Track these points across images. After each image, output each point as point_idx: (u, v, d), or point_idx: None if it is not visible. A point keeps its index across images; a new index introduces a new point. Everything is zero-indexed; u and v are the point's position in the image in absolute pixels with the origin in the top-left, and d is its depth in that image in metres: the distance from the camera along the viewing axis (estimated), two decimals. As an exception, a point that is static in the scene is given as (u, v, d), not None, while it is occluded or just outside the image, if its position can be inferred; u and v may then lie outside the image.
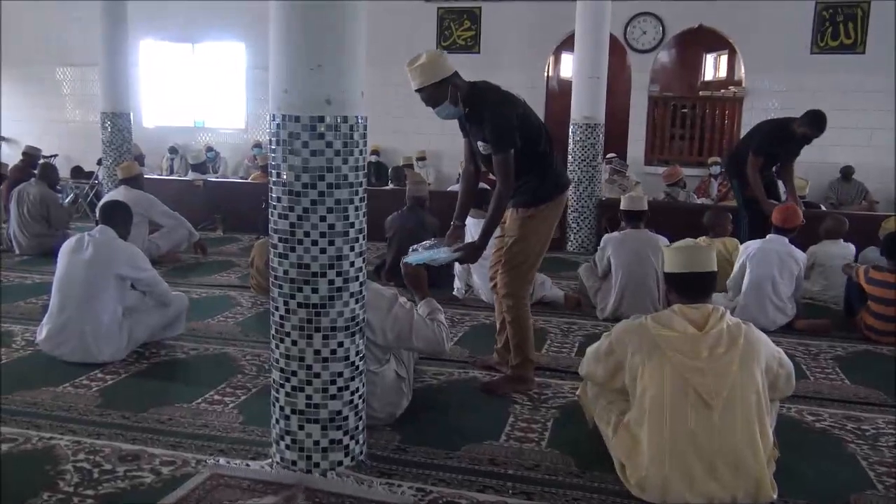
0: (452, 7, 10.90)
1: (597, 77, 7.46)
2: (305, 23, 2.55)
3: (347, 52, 2.60)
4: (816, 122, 5.73)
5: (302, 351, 2.71)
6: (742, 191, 6.15)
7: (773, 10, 9.82)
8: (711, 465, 2.54)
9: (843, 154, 9.63)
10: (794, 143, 5.92)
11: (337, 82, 2.59)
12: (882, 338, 4.58)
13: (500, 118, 3.34)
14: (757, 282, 4.87)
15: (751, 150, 5.95)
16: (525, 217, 3.56)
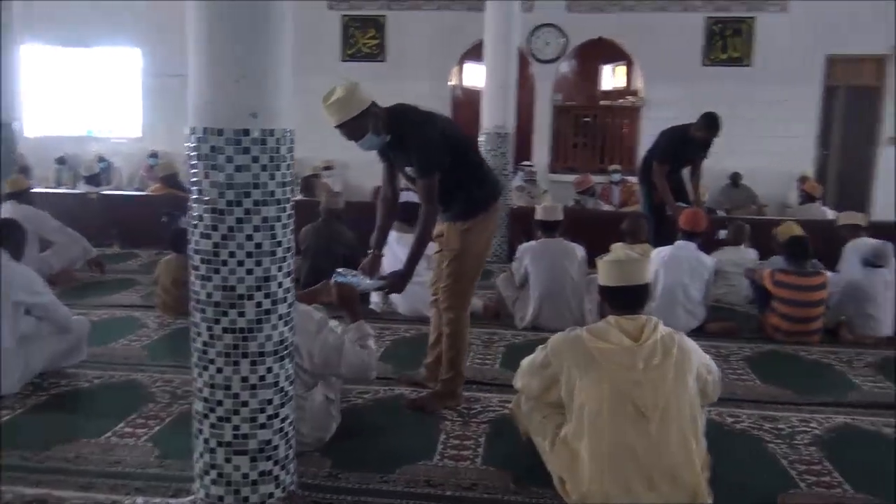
0: (357, 15, 10.78)
1: (506, 87, 7.51)
2: (229, 33, 2.40)
3: (273, 63, 2.47)
4: (710, 124, 5.98)
5: (228, 379, 2.54)
6: (650, 197, 6.32)
7: (668, 24, 10.23)
8: (650, 477, 2.54)
9: (733, 161, 10.08)
10: (694, 147, 6.13)
11: (263, 94, 2.45)
12: (788, 338, 4.79)
13: (425, 141, 3.27)
14: (669, 287, 4.99)
15: (654, 158, 6.13)
16: (463, 230, 3.51)
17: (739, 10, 10.18)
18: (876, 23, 9.82)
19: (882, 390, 4.04)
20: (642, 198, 6.62)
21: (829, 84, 10.31)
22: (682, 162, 6.26)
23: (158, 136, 11.19)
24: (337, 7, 10.79)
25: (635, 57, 10.71)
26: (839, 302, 4.97)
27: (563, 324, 4.76)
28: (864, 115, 10.35)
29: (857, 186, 10.45)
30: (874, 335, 4.86)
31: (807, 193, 8.32)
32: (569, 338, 2.77)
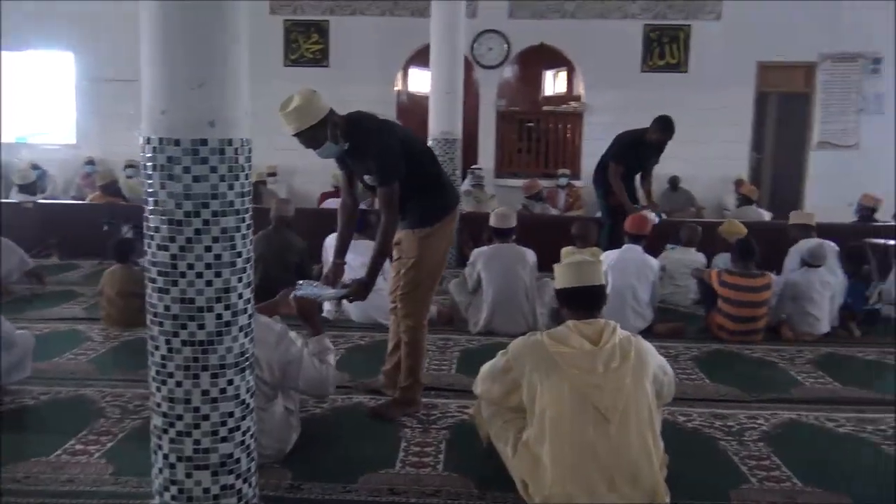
0: (299, 20, 10.68)
1: (453, 93, 7.55)
2: (186, 39, 2.35)
3: (231, 71, 2.43)
4: (664, 127, 6.13)
5: (188, 392, 2.49)
6: (605, 199, 6.44)
7: (607, 31, 10.43)
8: (611, 478, 2.59)
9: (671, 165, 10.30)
10: (649, 150, 6.27)
11: (221, 103, 2.41)
12: (733, 337, 4.94)
13: (384, 149, 3.27)
14: (618, 289, 5.09)
15: (610, 158, 6.25)
16: (421, 237, 3.52)
17: (676, 17, 10.47)
18: (804, 32, 10.23)
19: (823, 385, 4.21)
20: (599, 201, 6.73)
21: (762, 90, 10.68)
22: (636, 165, 6.40)
23: (94, 143, 10.88)
24: (279, 12, 10.67)
25: (576, 63, 10.90)
26: (780, 301, 5.15)
27: (516, 328, 4.85)
28: (795, 120, 10.75)
29: (789, 189, 10.84)
30: (813, 333, 5.05)
31: (744, 196, 8.60)
32: (529, 342, 2.80)
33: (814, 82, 10.58)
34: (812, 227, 5.66)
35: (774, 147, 10.93)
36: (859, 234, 6.49)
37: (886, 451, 3.34)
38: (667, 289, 5.99)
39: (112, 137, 10.82)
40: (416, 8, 10.41)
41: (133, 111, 10.75)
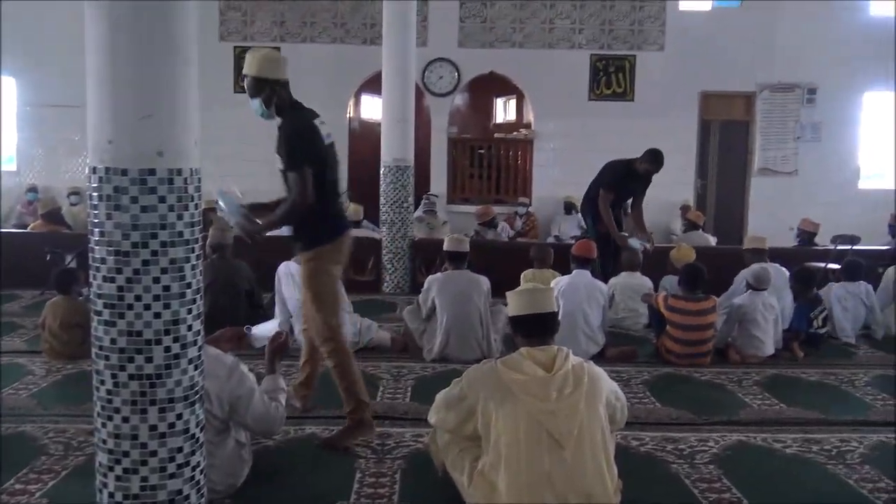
0: (249, 46, 10.58)
1: (404, 120, 7.58)
2: (134, 67, 2.32)
3: (180, 100, 2.41)
4: (654, 159, 6.27)
5: (135, 428, 2.42)
6: (595, 226, 6.53)
7: (555, 60, 10.64)
8: (566, 505, 2.59)
9: (621, 191, 10.55)
10: (638, 180, 6.40)
11: (169, 132, 2.38)
12: (681, 360, 5.02)
13: (297, 132, 3.37)
14: (570, 314, 5.13)
15: (601, 186, 6.35)
16: (307, 261, 3.58)
17: (621, 48, 10.73)
18: (743, 63, 10.60)
19: (769, 407, 4.30)
20: (587, 228, 6.82)
21: (704, 118, 11.00)
22: (625, 194, 6.52)
23: (36, 170, 10.60)
24: (229, 38, 10.61)
25: (526, 91, 11.06)
26: (727, 324, 5.26)
27: (471, 355, 4.85)
28: (737, 147, 11.08)
29: (733, 214, 11.14)
30: (759, 355, 5.17)
31: (690, 221, 8.80)
32: (483, 370, 2.80)
33: (753, 111, 10.94)
34: (764, 252, 5.82)
35: (718, 173, 11.23)
36: (800, 258, 6.70)
37: (831, 472, 3.42)
38: (619, 314, 6.07)
39: (55, 164, 10.58)
40: (367, 36, 10.49)
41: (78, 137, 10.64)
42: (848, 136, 10.95)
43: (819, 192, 10.60)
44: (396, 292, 7.55)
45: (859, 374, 4.99)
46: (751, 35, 10.51)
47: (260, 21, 10.58)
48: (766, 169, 11.01)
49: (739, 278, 5.69)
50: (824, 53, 10.53)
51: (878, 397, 4.49)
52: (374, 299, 7.16)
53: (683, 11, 10.72)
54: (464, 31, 10.70)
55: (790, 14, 10.51)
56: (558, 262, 5.94)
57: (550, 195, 10.74)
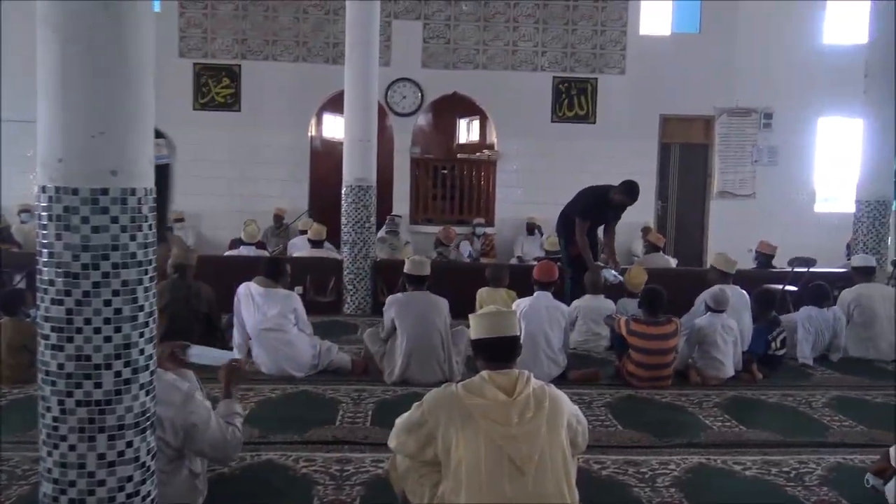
0: (209, 64, 10.55)
1: (367, 140, 7.57)
2: (86, 83, 2.28)
3: (135, 118, 2.37)
4: (629, 191, 6.39)
5: (82, 456, 2.34)
6: (567, 249, 6.61)
7: (518, 81, 10.79)
8: (527, 531, 2.57)
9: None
10: (612, 209, 6.52)
11: (123, 151, 2.34)
12: (642, 383, 5.05)
13: None
14: (531, 336, 5.13)
15: (577, 215, 6.46)
16: None
17: (583, 71, 10.91)
18: (701, 87, 10.85)
19: (729, 429, 4.33)
20: (561, 250, 6.90)
21: (664, 141, 11.21)
22: (598, 221, 6.63)
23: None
24: (188, 55, 10.53)
25: (489, 112, 11.17)
26: (687, 345, 5.32)
27: (432, 377, 4.83)
28: (696, 170, 11.31)
29: (692, 236, 11.34)
30: (719, 377, 5.23)
31: (651, 243, 8.90)
32: (444, 394, 2.77)
33: (712, 134, 11.18)
34: (730, 274, 5.90)
35: (678, 196, 11.43)
36: (758, 280, 6.82)
37: (790, 493, 3.45)
38: (582, 336, 6.10)
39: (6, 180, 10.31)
40: (330, 55, 10.49)
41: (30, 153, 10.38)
42: (803, 160, 11.25)
43: (776, 214, 10.85)
44: (357, 314, 7.50)
45: (817, 395, 5.07)
46: (709, 60, 10.77)
47: (221, 38, 10.52)
48: (725, 192, 11.24)
49: (699, 300, 5.76)
50: (780, 79, 10.85)
51: (835, 419, 4.57)
52: (335, 321, 7.09)
53: (644, 36, 10.95)
54: (427, 52, 10.77)
55: (747, 41, 10.82)
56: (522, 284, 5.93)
57: (513, 216, 10.83)
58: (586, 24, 10.86)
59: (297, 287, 6.77)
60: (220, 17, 10.50)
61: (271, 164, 10.43)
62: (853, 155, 8.40)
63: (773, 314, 5.64)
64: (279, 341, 5.05)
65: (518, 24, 10.82)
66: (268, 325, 5.04)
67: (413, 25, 10.70)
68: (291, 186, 10.62)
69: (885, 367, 5.99)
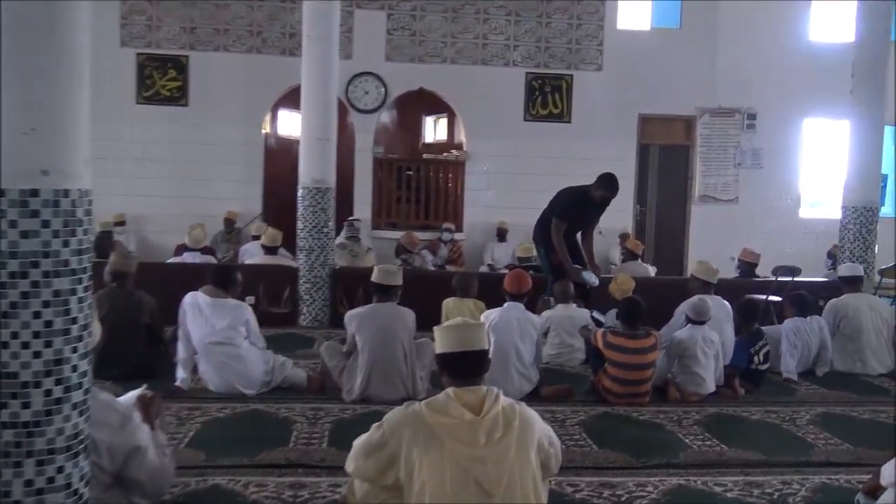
0: (155, 54, 10.43)
1: (325, 138, 7.55)
2: (14, 76, 2.23)
3: (69, 113, 2.33)
4: (609, 184, 6.44)
5: (7, 483, 2.29)
6: (548, 257, 6.64)
7: (489, 77, 10.84)
8: (494, 558, 2.57)
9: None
10: (593, 207, 6.57)
11: (56, 149, 2.30)
12: (619, 400, 5.09)
13: None
14: (501, 350, 5.14)
15: (554, 215, 6.46)
16: None
17: (558, 67, 11.00)
18: (682, 86, 11.02)
19: (710, 448, 4.39)
20: (540, 258, 6.93)
21: (643, 142, 11.35)
22: (579, 223, 6.67)
23: None
24: (131, 44, 10.40)
25: (457, 110, 11.20)
26: (666, 359, 5.38)
27: (395, 394, 4.81)
28: (677, 173, 11.47)
29: (673, 243, 11.49)
30: (699, 393, 5.29)
31: (629, 251, 8.99)
32: (407, 413, 2.76)
33: (693, 135, 11.35)
34: (711, 284, 5.98)
35: (657, 200, 11.57)
36: (741, 290, 6.93)
37: (773, 516, 3.51)
38: (554, 349, 6.14)
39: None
40: (286, 46, 10.45)
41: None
42: (788, 163, 11.48)
43: (760, 220, 11.05)
44: (314, 326, 7.46)
45: (801, 411, 5.16)
46: (690, 57, 10.94)
47: (167, 26, 10.42)
48: (707, 196, 11.41)
49: (679, 311, 5.84)
50: (764, 78, 11.06)
51: (820, 436, 4.65)
52: (290, 333, 7.05)
53: (622, 31, 11.08)
54: (391, 44, 10.78)
55: (730, 37, 11.00)
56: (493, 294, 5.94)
57: (483, 221, 10.87)
58: (561, 17, 10.96)
59: (249, 297, 6.72)
60: (167, 4, 10.38)
61: (222, 164, 10.33)
62: (840, 158, 8.55)
63: (755, 326, 5.73)
64: (228, 356, 5.00)
65: (489, 16, 10.88)
66: (216, 339, 4.99)
67: (376, 16, 10.70)
68: (243, 188, 10.54)
69: (872, 381, 6.12)
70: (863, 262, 7.70)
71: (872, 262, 7.96)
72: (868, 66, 7.89)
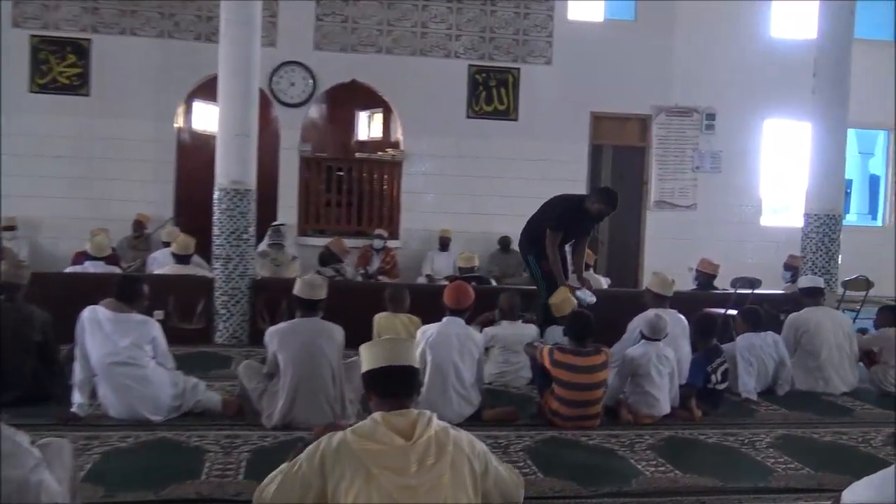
0: (52, 37, 10.21)
1: (245, 134, 7.48)
2: None
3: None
4: (609, 200, 6.57)
5: None
6: (539, 264, 6.71)
7: (428, 70, 10.92)
8: None
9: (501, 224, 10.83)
10: (586, 221, 6.69)
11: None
12: (568, 422, 5.14)
13: None
14: (439, 368, 5.16)
15: (548, 227, 6.56)
16: None
17: (503, 59, 11.13)
18: (637, 83, 11.27)
19: (663, 475, 4.46)
20: (529, 268, 6.99)
21: (595, 142, 11.55)
22: (571, 234, 6.78)
23: None
24: (24, 25, 10.18)
25: (393, 105, 11.24)
26: (618, 378, 5.47)
27: (320, 419, 4.79)
28: (631, 176, 11.69)
29: (627, 252, 11.69)
30: (653, 414, 5.39)
31: (579, 260, 9.10)
32: (331, 441, 2.75)
33: (649, 136, 11.60)
34: (667, 297, 6.09)
35: (611, 206, 11.74)
36: (698, 303, 7.09)
37: (729, 547, 3.59)
38: (497, 368, 6.18)
39: None
40: (202, 31, 10.34)
41: None
42: (749, 167, 11.83)
43: (720, 228, 11.35)
44: (231, 343, 7.38)
45: (761, 434, 5.29)
46: (646, 52, 11.19)
47: (66, 6, 10.25)
48: (663, 202, 11.66)
49: (632, 326, 5.94)
50: (724, 75, 11.40)
51: (780, 460, 4.78)
52: (204, 352, 6.98)
53: (573, 22, 11.28)
54: (321, 32, 10.77)
55: (688, 30, 11.31)
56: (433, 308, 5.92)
57: (422, 227, 10.92)
58: (507, 6, 11.10)
59: (157, 311, 6.64)
60: (66, -20, 10.19)
61: (128, 161, 10.17)
62: (802, 162, 8.81)
63: (713, 342, 5.86)
64: (133, 378, 4.90)
65: (428, 3, 10.96)
66: (119, 359, 4.89)
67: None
68: (153, 189, 10.39)
69: (835, 401, 6.32)
70: (825, 272, 7.96)
71: (836, 274, 8.21)
72: (830, 64, 8.15)
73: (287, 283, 6.75)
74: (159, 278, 7.55)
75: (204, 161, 9.68)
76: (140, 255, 9.39)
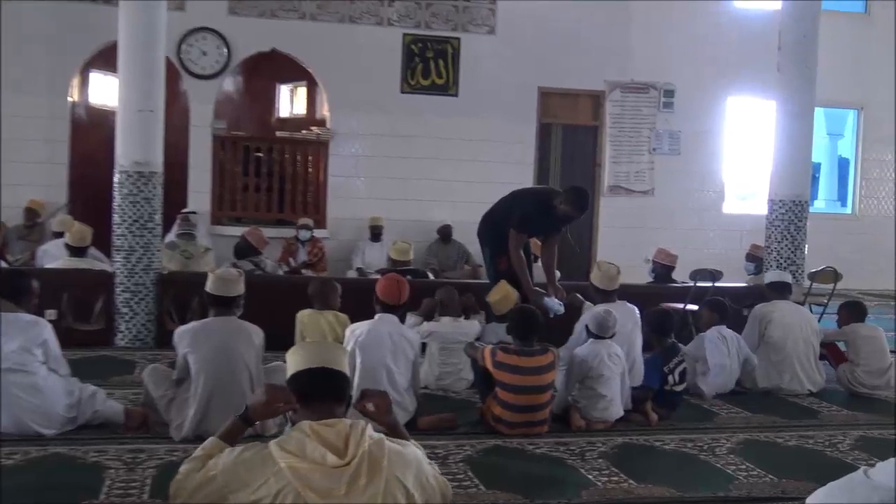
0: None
1: (150, 110, 7.38)
2: None
3: None
4: (578, 203, 6.49)
5: None
6: (494, 261, 6.71)
7: (358, 39, 10.90)
8: None
9: (440, 211, 10.88)
10: (553, 221, 6.68)
11: None
12: (513, 429, 5.20)
13: None
14: (370, 371, 5.17)
15: (512, 226, 6.53)
16: None
17: (442, 28, 11.16)
18: (589, 56, 11.40)
19: (616, 485, 4.55)
20: (485, 262, 6.99)
21: (544, 121, 11.66)
22: (535, 234, 6.84)
23: None
24: None
25: (319, 78, 11.19)
26: (567, 380, 5.54)
27: (237, 430, 4.75)
28: (583, 159, 11.84)
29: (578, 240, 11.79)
30: (606, 419, 5.48)
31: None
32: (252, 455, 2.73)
33: (602, 114, 11.75)
34: (613, 291, 6.18)
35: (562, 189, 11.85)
36: (655, 297, 7.22)
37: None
38: (435, 370, 6.22)
39: None
40: (98, -8, 10.14)
41: None
42: (710, 148, 12.08)
43: (679, 216, 11.59)
44: (135, 346, 7.30)
45: (721, 439, 5.42)
46: (599, 22, 11.33)
47: (-63, -41, 9.92)
48: (618, 187, 11.85)
49: (580, 324, 6.02)
50: (684, 48, 11.61)
51: (742, 467, 4.91)
52: (103, 356, 6.91)
53: (520, -13, 11.33)
54: (236, -6, 10.65)
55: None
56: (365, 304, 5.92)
57: (352, 215, 10.92)
58: (446, -32, 11.13)
59: (49, 311, 6.57)
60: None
61: (15, 141, 9.90)
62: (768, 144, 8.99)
63: (670, 340, 5.97)
64: (21, 386, 4.81)
65: (358, -36, 10.92)
66: (5, 365, 4.80)
67: (217, -43, 10.57)
68: (44, 171, 10.20)
69: (800, 402, 6.50)
70: (791, 264, 8.16)
71: (802, 265, 8.41)
72: (796, 38, 8.31)
73: (199, 277, 6.65)
74: (51, 273, 7.43)
75: (102, 140, 9.55)
76: (31, 247, 9.20)
